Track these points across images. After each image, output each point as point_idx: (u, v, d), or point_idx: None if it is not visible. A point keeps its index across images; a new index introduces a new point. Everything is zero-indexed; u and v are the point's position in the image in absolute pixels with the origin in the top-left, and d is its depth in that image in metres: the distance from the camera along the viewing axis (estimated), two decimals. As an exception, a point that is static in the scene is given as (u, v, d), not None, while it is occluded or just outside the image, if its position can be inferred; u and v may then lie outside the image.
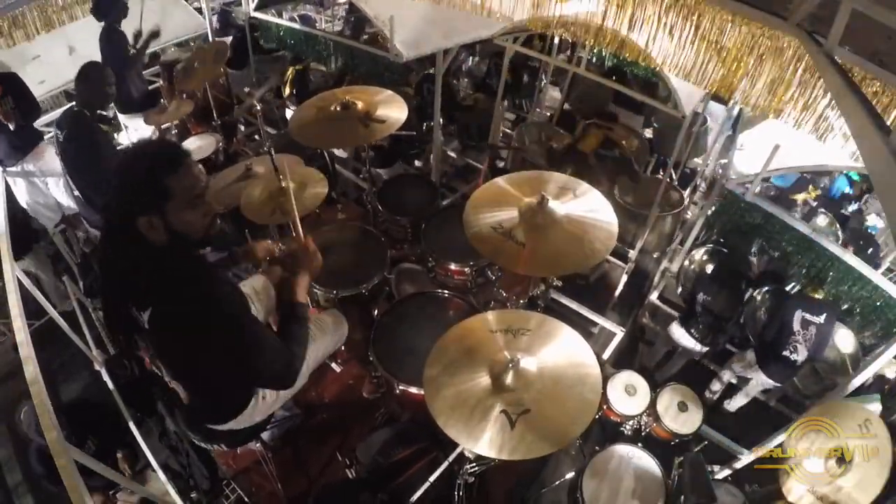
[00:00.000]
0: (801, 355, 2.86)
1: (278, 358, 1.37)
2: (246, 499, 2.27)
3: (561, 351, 1.58)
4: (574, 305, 3.46)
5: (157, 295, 1.27)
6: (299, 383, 1.72)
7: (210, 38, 4.88)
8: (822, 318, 2.85)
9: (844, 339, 3.24)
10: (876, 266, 3.13)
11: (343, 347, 2.33)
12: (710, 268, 3.77)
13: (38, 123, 3.44)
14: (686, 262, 3.78)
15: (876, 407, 2.43)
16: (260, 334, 1.35)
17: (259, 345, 1.34)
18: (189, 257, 1.36)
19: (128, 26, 3.61)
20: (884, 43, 1.80)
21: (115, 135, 4.30)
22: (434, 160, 4.04)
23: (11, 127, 3.07)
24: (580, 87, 4.74)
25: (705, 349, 3.26)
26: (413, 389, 1.93)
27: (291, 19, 5.50)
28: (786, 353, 2.88)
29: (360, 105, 2.42)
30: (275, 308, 1.92)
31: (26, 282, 2.43)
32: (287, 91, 4.68)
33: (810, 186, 4.18)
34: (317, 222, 2.97)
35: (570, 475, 2.34)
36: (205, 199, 1.31)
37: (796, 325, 2.86)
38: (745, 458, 2.52)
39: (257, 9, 4.59)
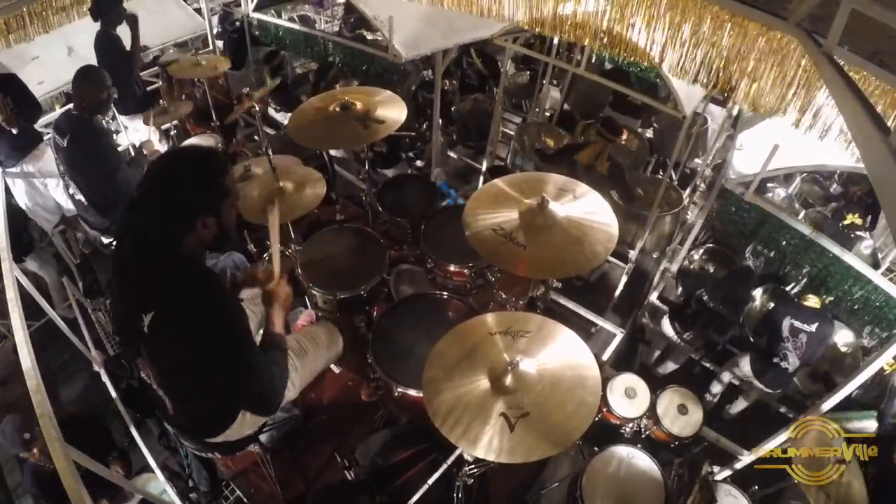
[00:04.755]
0: (791, 364, 2.85)
1: (265, 382, 1.40)
2: (245, 500, 2.27)
3: (560, 353, 1.58)
4: (574, 306, 3.46)
5: (163, 299, 1.29)
6: (290, 396, 1.74)
7: (210, 39, 4.89)
8: (812, 328, 2.82)
9: (844, 339, 3.24)
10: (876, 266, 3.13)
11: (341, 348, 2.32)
12: (713, 269, 3.77)
13: (38, 124, 3.44)
14: (686, 263, 3.78)
15: (871, 423, 2.43)
16: (255, 355, 1.38)
17: (252, 364, 1.36)
18: (202, 267, 1.40)
19: (122, 31, 3.60)
20: (884, 43, 1.79)
21: (115, 136, 4.30)
22: (434, 161, 4.04)
23: (15, 131, 3.06)
24: (579, 87, 4.74)
25: (696, 344, 3.24)
26: (412, 392, 1.93)
27: (291, 20, 5.50)
28: (776, 360, 2.87)
29: (358, 105, 2.42)
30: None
31: (25, 282, 2.43)
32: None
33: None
34: (315, 223, 2.97)
35: (569, 476, 2.33)
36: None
37: (785, 333, 2.84)
38: (746, 458, 2.51)
39: (256, 9, 4.59)
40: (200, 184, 1.30)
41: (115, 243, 1.50)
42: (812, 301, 2.89)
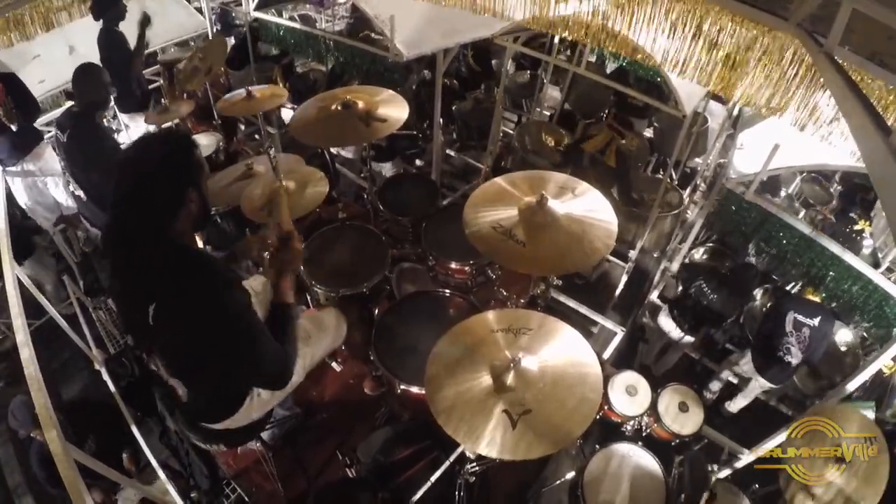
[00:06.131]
0: (794, 357, 2.85)
1: (275, 357, 1.40)
2: (246, 498, 2.27)
3: (562, 350, 1.59)
4: (574, 305, 3.46)
5: (162, 287, 1.30)
6: (295, 381, 1.73)
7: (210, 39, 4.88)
8: (815, 321, 2.83)
9: (844, 339, 3.25)
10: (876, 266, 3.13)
11: (343, 346, 2.33)
12: (716, 265, 3.77)
13: (38, 123, 3.44)
14: (686, 262, 3.78)
15: (870, 414, 2.43)
16: (260, 331, 1.38)
17: (258, 341, 1.37)
18: (196, 251, 1.42)
19: (125, 28, 3.60)
20: (884, 43, 1.80)
21: (116, 134, 4.30)
22: (434, 160, 4.04)
23: (14, 128, 3.07)
24: (580, 87, 4.75)
25: (688, 337, 3.25)
26: (414, 389, 1.93)
27: (291, 19, 5.49)
28: (780, 353, 2.88)
29: (360, 104, 2.42)
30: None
31: (27, 282, 2.43)
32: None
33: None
34: (317, 221, 2.97)
35: (570, 474, 2.34)
36: None
37: (788, 327, 2.85)
38: (745, 458, 2.52)
39: (257, 8, 4.59)
40: (180, 158, 1.35)
41: (104, 245, 1.49)
42: (812, 295, 2.90)
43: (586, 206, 1.91)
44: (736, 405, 3.36)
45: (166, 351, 1.43)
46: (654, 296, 3.76)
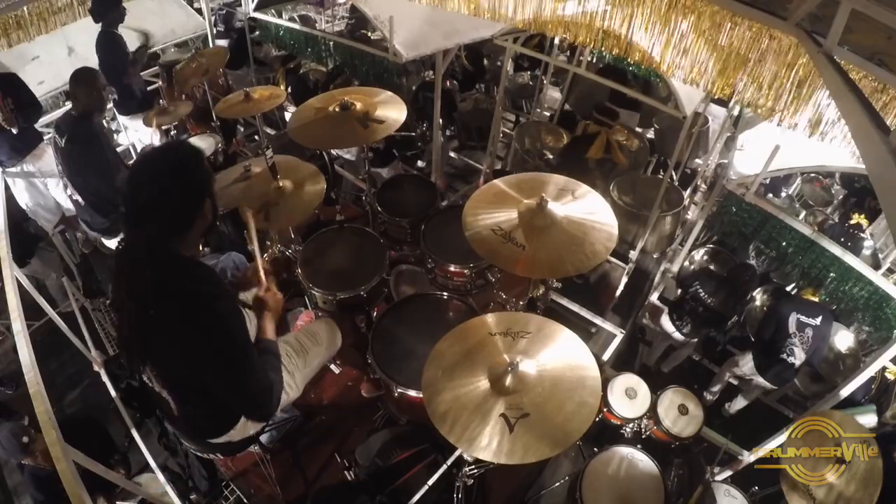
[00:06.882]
0: (798, 358, 2.85)
1: (262, 383, 1.38)
2: (245, 500, 2.27)
3: (560, 354, 1.58)
4: (574, 307, 3.45)
5: (162, 299, 1.28)
6: (293, 395, 1.74)
7: (210, 39, 4.88)
8: (817, 321, 2.84)
9: (844, 340, 3.24)
10: (876, 267, 3.12)
11: (340, 348, 2.32)
12: (714, 267, 3.77)
13: (38, 124, 3.44)
14: (686, 263, 3.78)
15: (871, 419, 2.43)
16: (252, 355, 1.37)
17: (248, 355, 1.36)
18: (194, 262, 1.41)
19: (122, 31, 3.61)
20: (883, 43, 1.80)
21: (115, 136, 4.30)
22: (434, 161, 4.04)
23: (14, 130, 3.06)
24: (580, 87, 4.74)
25: (691, 339, 3.24)
26: (412, 392, 1.93)
27: (291, 19, 5.49)
28: (783, 355, 2.88)
29: (358, 106, 2.42)
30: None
31: (26, 283, 2.42)
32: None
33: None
34: (316, 223, 2.97)
35: (569, 477, 2.33)
36: None
37: (791, 328, 2.85)
38: (746, 458, 2.51)
39: (257, 9, 4.59)
40: (193, 170, 1.35)
41: (117, 255, 1.46)
42: (811, 295, 2.91)
43: (586, 208, 1.90)
44: (736, 406, 3.35)
45: (161, 366, 1.41)
46: (654, 297, 3.75)
